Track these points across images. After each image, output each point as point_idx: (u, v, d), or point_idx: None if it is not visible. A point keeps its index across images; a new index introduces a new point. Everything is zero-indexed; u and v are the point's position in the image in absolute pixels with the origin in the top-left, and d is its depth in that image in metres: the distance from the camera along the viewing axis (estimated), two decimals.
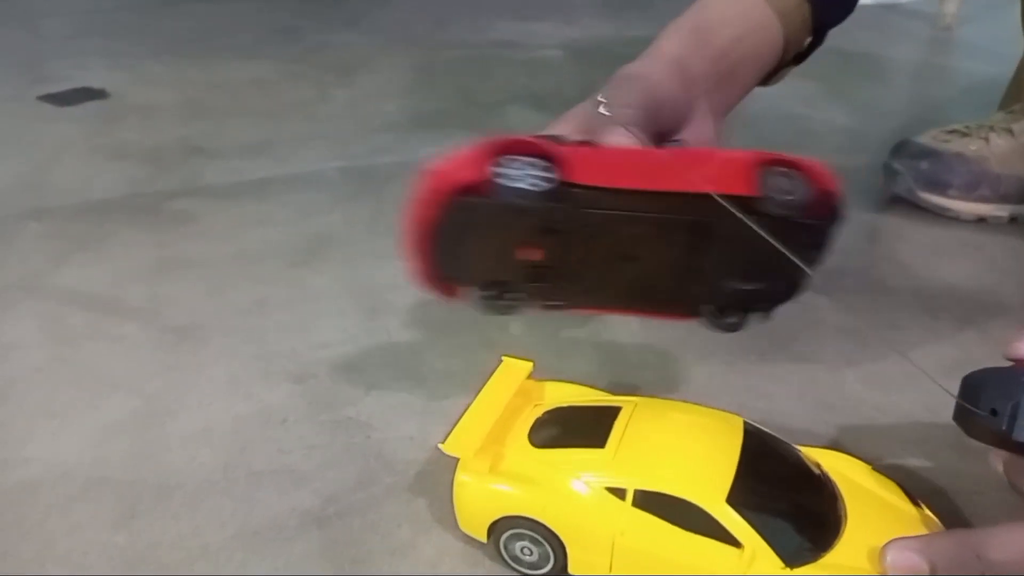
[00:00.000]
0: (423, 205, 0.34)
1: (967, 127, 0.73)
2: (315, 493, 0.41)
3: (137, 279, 0.60)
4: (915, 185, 0.72)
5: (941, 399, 0.49)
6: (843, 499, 0.35)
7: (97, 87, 0.99)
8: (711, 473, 0.33)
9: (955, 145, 0.72)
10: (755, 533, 0.32)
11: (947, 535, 0.34)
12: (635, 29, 0.48)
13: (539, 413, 0.39)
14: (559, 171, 0.33)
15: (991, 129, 0.72)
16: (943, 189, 0.71)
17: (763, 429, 0.37)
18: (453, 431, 0.37)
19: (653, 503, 0.33)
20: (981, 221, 0.71)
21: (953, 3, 1.36)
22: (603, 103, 0.39)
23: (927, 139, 0.73)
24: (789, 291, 0.37)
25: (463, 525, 0.37)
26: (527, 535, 0.35)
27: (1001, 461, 0.36)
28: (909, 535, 0.32)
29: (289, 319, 0.56)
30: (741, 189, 0.33)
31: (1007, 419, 0.32)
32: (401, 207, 0.34)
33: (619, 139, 0.37)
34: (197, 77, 1.05)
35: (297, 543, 0.38)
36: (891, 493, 0.37)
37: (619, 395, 0.41)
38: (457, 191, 0.33)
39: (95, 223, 0.68)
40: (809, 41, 0.53)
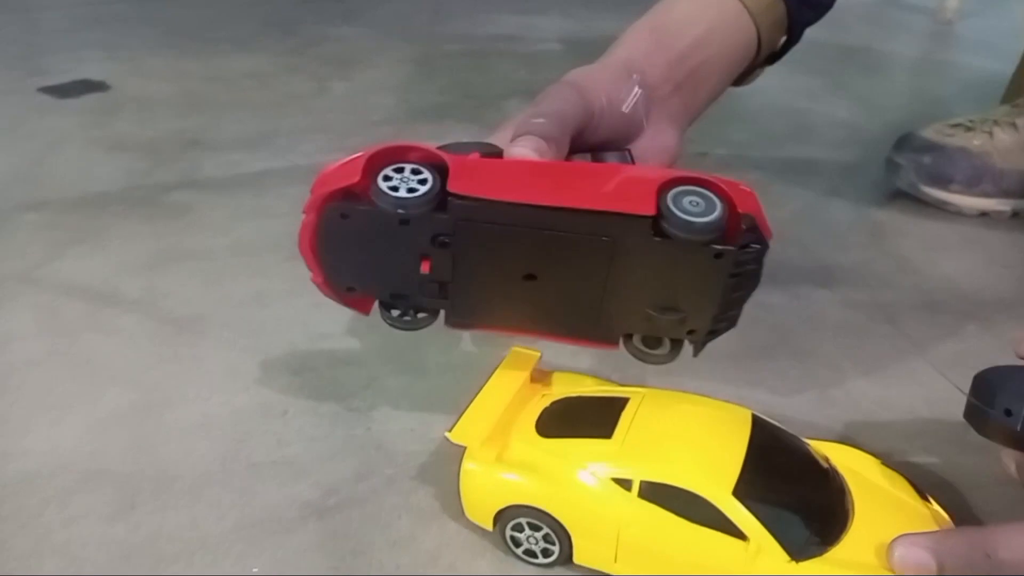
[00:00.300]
0: (306, 209, 0.33)
1: (971, 121, 0.73)
2: (315, 485, 0.41)
3: (135, 271, 0.60)
4: (917, 179, 0.72)
5: (942, 394, 0.49)
6: (851, 493, 0.34)
7: (96, 79, 0.98)
8: (718, 465, 0.33)
9: (958, 139, 0.72)
10: (761, 526, 0.31)
11: (957, 532, 0.34)
12: (633, 23, 0.47)
13: (546, 403, 0.39)
14: (445, 180, 0.32)
15: (995, 123, 0.72)
16: (945, 183, 0.71)
17: (772, 422, 0.37)
18: (460, 420, 0.37)
19: (659, 494, 0.33)
20: (983, 216, 0.71)
21: None
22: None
23: (930, 133, 0.73)
24: (716, 323, 0.35)
25: (469, 513, 0.37)
26: (533, 524, 0.35)
27: (1014, 461, 0.35)
28: (918, 531, 0.32)
29: (288, 311, 0.55)
30: (638, 208, 0.31)
31: (1023, 420, 0.32)
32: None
33: (520, 151, 0.35)
34: (195, 69, 1.04)
35: (297, 535, 0.38)
36: (900, 488, 0.36)
37: (627, 386, 0.41)
38: (334, 196, 0.32)
39: (93, 215, 0.68)
40: (784, 40, 0.52)
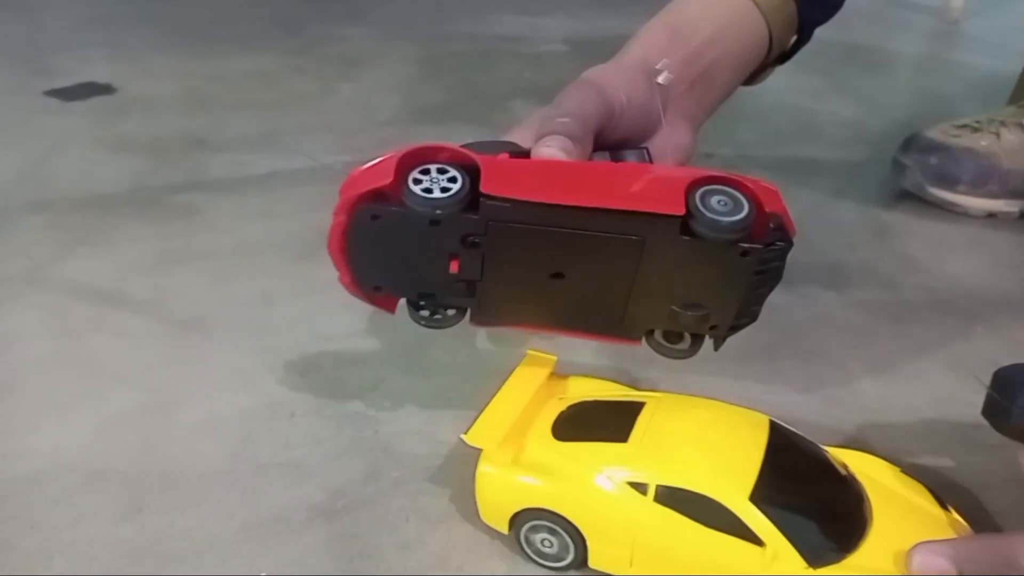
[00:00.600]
0: (337, 211, 0.34)
1: (977, 121, 0.73)
2: (322, 487, 0.41)
3: (141, 271, 0.60)
4: (924, 180, 0.71)
5: (949, 394, 0.49)
6: (869, 500, 0.34)
7: (102, 81, 0.98)
8: (734, 470, 0.33)
9: (965, 140, 0.71)
10: (778, 532, 0.31)
11: (977, 539, 0.34)
12: (639, 23, 0.47)
13: (563, 407, 0.39)
14: (474, 181, 0.32)
15: (1001, 124, 0.72)
16: (952, 184, 0.71)
17: (789, 427, 0.37)
18: (476, 422, 0.37)
19: (675, 499, 0.33)
20: (990, 217, 0.71)
21: None
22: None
23: (936, 134, 0.73)
24: (739, 318, 0.35)
25: (484, 516, 0.37)
26: (548, 527, 0.35)
27: None
28: (937, 538, 0.32)
29: (294, 312, 0.55)
30: (668, 208, 0.31)
31: None
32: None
33: (547, 151, 0.35)
34: (200, 69, 1.04)
35: (304, 536, 0.38)
36: (919, 496, 0.36)
37: (643, 390, 0.41)
38: (366, 198, 0.33)
39: (99, 215, 0.68)
40: (794, 40, 0.52)
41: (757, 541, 0.32)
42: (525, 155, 0.36)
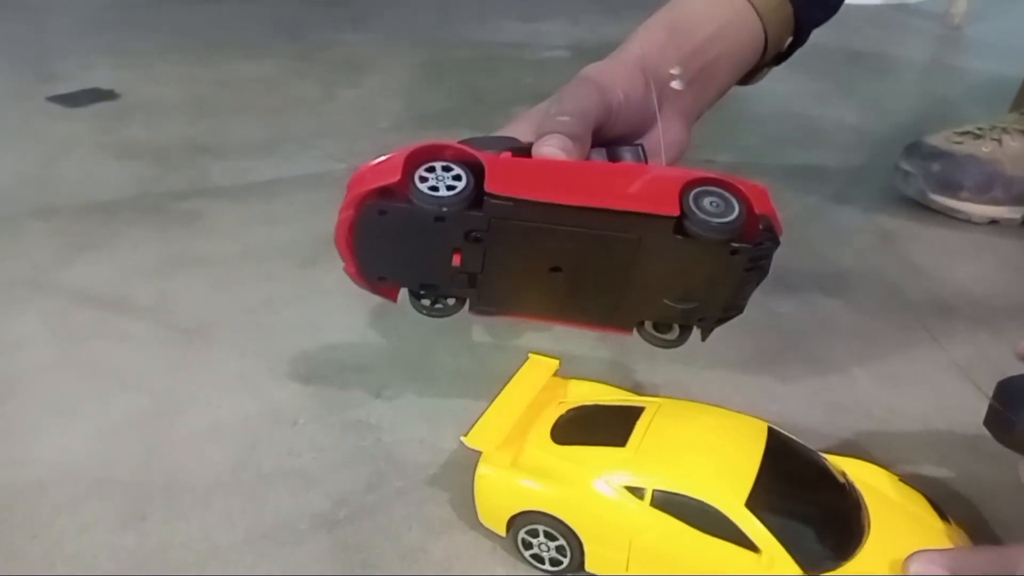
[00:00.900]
0: (344, 206, 0.35)
1: (979, 128, 0.73)
2: (325, 495, 0.41)
3: (145, 278, 0.60)
4: (927, 187, 0.71)
5: (954, 401, 0.49)
6: (867, 508, 0.34)
7: (105, 87, 0.98)
8: (731, 476, 0.33)
9: (967, 147, 0.71)
10: (774, 539, 0.31)
11: (975, 550, 0.33)
12: (646, 20, 0.48)
13: (563, 410, 0.39)
14: (478, 178, 0.33)
15: (1004, 131, 0.72)
16: (955, 191, 0.71)
17: (788, 435, 0.37)
18: (476, 424, 0.37)
19: (672, 504, 0.33)
20: (993, 223, 0.71)
21: (962, 2, 1.35)
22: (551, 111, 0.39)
23: (939, 140, 0.72)
24: (726, 311, 0.37)
25: (483, 518, 0.37)
26: (545, 531, 0.35)
27: None
28: (935, 547, 0.32)
29: (298, 318, 0.55)
30: (664, 209, 0.33)
31: None
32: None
33: (548, 150, 0.36)
34: (204, 75, 1.05)
35: (307, 545, 0.38)
36: (917, 505, 0.36)
37: (643, 395, 0.41)
38: (373, 194, 0.34)
39: (103, 222, 0.68)
40: (790, 41, 0.52)
41: (753, 548, 0.32)
42: (526, 152, 0.37)
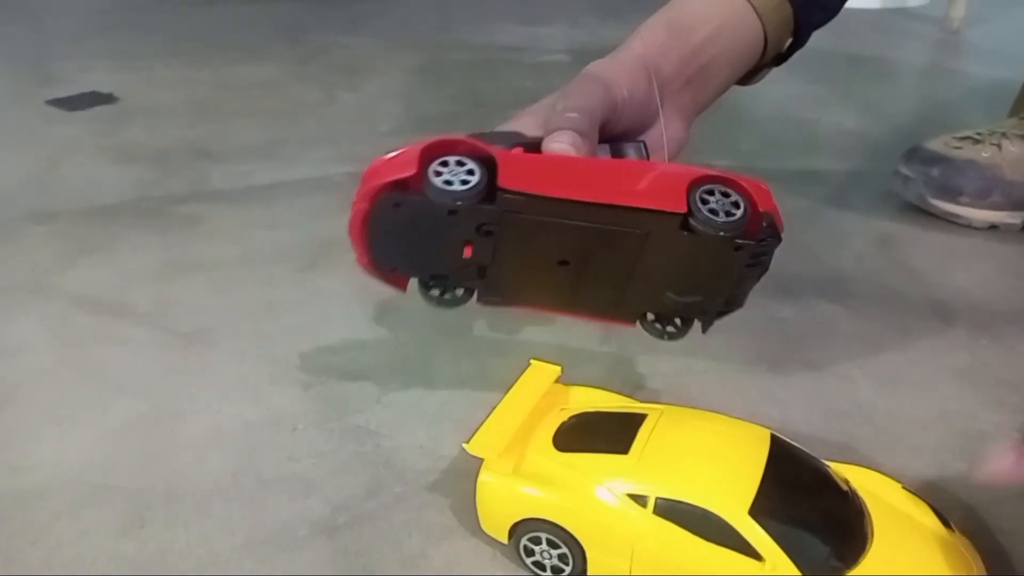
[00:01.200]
0: (359, 198, 0.36)
1: (979, 133, 0.73)
2: (325, 501, 0.41)
3: (144, 282, 0.60)
4: (926, 192, 0.71)
5: (954, 407, 0.49)
6: (871, 516, 0.34)
7: (105, 91, 0.98)
8: (734, 484, 0.33)
9: (967, 152, 0.71)
10: (777, 546, 0.31)
11: None
12: (647, 19, 0.48)
13: (564, 417, 0.39)
14: (491, 173, 0.34)
15: (1003, 136, 0.72)
16: (955, 196, 0.71)
17: (791, 442, 0.37)
18: (478, 431, 0.37)
19: (674, 512, 0.33)
20: (993, 228, 0.71)
21: (961, 6, 1.36)
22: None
23: (938, 145, 0.73)
24: (728, 305, 0.37)
25: (484, 525, 0.37)
26: (547, 538, 0.35)
27: None
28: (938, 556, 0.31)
29: (297, 323, 0.55)
30: (671, 206, 0.33)
31: None
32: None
33: (558, 146, 0.37)
34: (204, 78, 1.05)
35: (306, 552, 0.38)
36: (922, 513, 0.36)
37: (645, 402, 0.41)
38: (388, 187, 0.34)
39: (102, 225, 0.68)
40: (790, 42, 0.53)
41: (756, 555, 0.32)
42: (536, 147, 0.37)
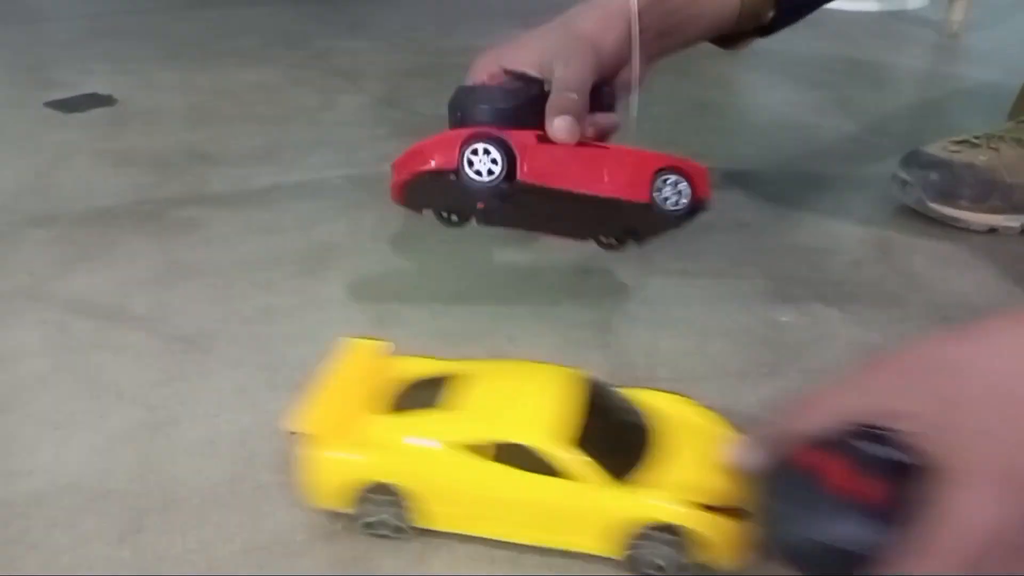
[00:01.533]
0: (399, 171, 0.49)
1: (976, 137, 0.73)
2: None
3: (142, 287, 0.60)
4: (925, 196, 0.71)
5: None
6: (664, 430, 0.39)
7: (104, 93, 0.98)
8: (552, 420, 0.37)
9: (965, 155, 0.71)
10: (591, 463, 0.36)
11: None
12: None
13: (393, 385, 0.41)
14: (512, 163, 0.45)
15: (1000, 139, 0.72)
16: (953, 200, 0.71)
17: (601, 380, 0.41)
18: (299, 410, 0.38)
19: (504, 453, 0.36)
20: (992, 232, 0.71)
21: (960, 10, 1.36)
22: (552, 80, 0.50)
23: (936, 150, 0.73)
24: (661, 237, 0.52)
25: (319, 500, 0.39)
26: (387, 499, 0.37)
27: None
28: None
29: (295, 328, 0.55)
30: (639, 196, 0.47)
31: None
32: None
33: (561, 134, 0.47)
34: (202, 82, 1.05)
35: (305, 558, 0.38)
36: (713, 422, 0.41)
37: (470, 361, 0.43)
38: (429, 172, 0.46)
39: (100, 230, 0.68)
40: (773, 15, 0.57)
41: (574, 476, 0.36)
42: (541, 101, 0.49)
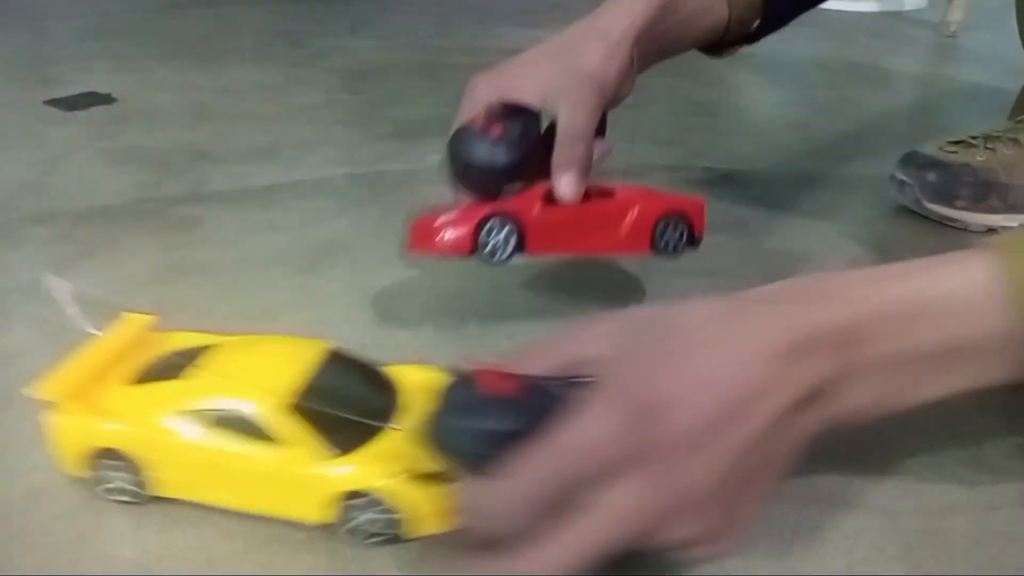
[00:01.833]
0: (417, 243, 0.52)
1: (973, 137, 0.73)
2: None
3: (143, 285, 0.60)
4: (922, 196, 0.72)
5: (953, 413, 0.49)
6: (411, 403, 0.39)
7: (103, 91, 0.98)
8: (279, 387, 0.38)
9: (962, 156, 0.72)
10: (314, 433, 0.37)
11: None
12: None
13: (145, 357, 0.42)
14: (519, 230, 0.48)
15: (998, 139, 0.72)
16: (951, 200, 0.71)
17: (350, 352, 0.42)
18: (46, 377, 0.39)
19: (224, 420, 0.37)
20: (990, 232, 0.71)
21: (958, 10, 1.36)
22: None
23: (933, 150, 0.73)
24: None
25: (60, 466, 0.40)
26: (118, 464, 0.39)
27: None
28: None
29: (296, 327, 0.55)
30: (640, 250, 0.50)
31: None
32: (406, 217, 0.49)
33: (567, 190, 0.49)
34: (203, 81, 1.05)
35: (305, 556, 0.38)
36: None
37: (226, 335, 0.44)
38: (446, 250, 0.49)
39: (101, 228, 0.68)
40: (759, 23, 0.58)
41: (289, 444, 0.37)
42: (549, 136, 0.50)
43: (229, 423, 0.37)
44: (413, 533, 0.37)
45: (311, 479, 0.37)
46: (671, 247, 0.50)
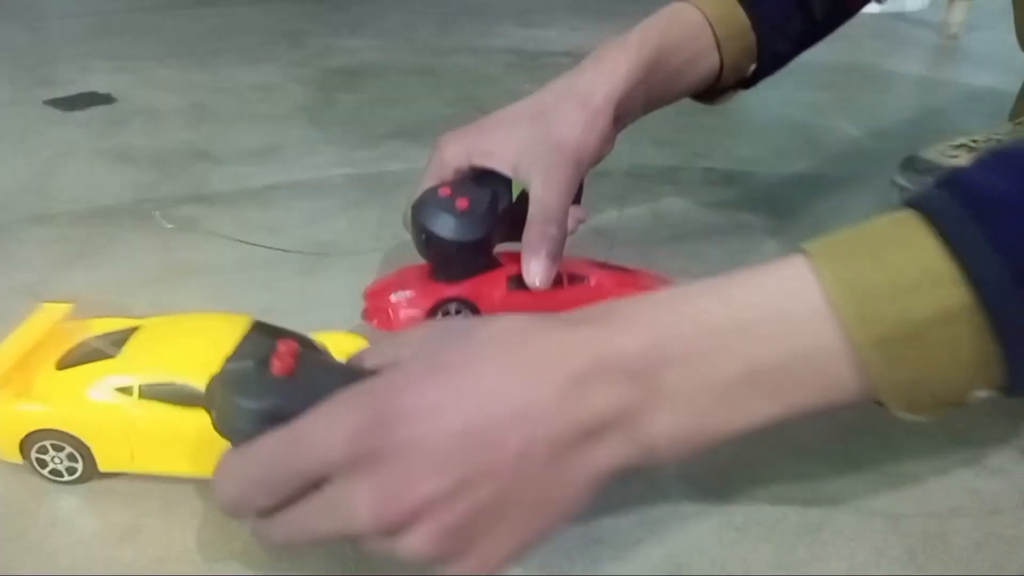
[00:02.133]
0: (371, 313, 0.49)
1: (974, 141, 0.73)
2: None
3: (142, 285, 0.60)
4: None
5: (956, 415, 0.49)
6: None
7: (103, 91, 0.98)
8: (204, 358, 0.39)
9: (962, 160, 0.71)
10: None
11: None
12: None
13: (72, 342, 0.42)
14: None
15: (998, 143, 0.72)
16: None
17: (274, 325, 0.43)
18: None
19: (156, 392, 0.39)
20: None
21: (959, 12, 1.36)
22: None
23: (934, 154, 0.73)
24: None
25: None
26: (53, 444, 0.40)
27: None
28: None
29: (296, 327, 0.55)
30: None
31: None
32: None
33: (538, 278, 0.46)
34: (203, 81, 1.05)
35: (307, 558, 0.38)
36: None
37: (149, 317, 0.44)
38: (399, 328, 0.46)
39: (100, 228, 0.68)
40: (754, 68, 0.54)
41: None
42: (520, 210, 0.46)
43: (164, 394, 0.39)
44: None
45: None
46: None
